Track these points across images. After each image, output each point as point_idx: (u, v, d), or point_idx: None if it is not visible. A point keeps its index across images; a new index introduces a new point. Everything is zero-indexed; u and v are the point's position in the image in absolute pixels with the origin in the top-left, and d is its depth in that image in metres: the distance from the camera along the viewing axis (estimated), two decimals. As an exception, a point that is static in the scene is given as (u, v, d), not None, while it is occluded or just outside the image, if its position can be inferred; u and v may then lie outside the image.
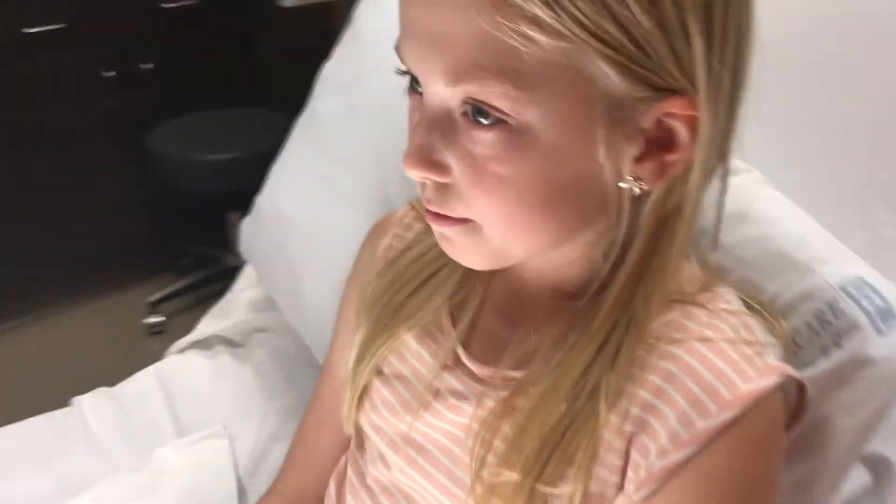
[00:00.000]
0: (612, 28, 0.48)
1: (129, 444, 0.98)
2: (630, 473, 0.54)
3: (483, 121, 0.51)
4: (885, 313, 0.61)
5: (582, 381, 0.56)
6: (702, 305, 0.58)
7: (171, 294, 2.41)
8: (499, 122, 0.50)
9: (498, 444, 0.58)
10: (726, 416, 0.52)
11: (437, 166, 0.53)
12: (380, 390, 0.67)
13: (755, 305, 0.63)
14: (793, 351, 0.63)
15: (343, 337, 0.74)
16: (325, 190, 0.92)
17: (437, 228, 0.57)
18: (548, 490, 0.55)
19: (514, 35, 0.47)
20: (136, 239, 2.47)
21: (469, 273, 0.66)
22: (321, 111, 0.96)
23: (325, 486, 0.74)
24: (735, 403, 0.52)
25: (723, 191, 0.62)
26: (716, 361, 0.54)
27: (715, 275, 0.62)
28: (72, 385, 1.11)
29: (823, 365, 0.62)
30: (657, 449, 0.53)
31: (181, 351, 1.12)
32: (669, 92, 0.51)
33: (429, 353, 0.66)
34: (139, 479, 0.91)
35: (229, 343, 1.11)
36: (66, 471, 0.94)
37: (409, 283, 0.69)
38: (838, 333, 0.62)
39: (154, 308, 2.38)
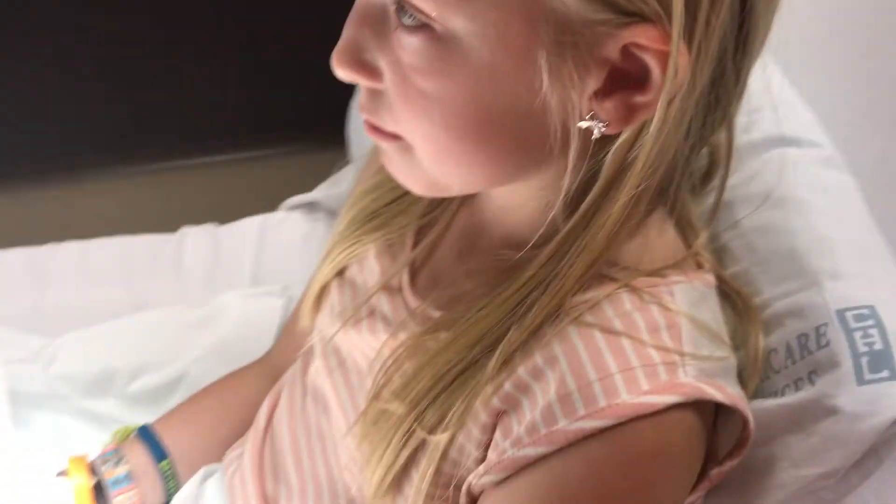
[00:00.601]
0: None
1: (208, 281, 1.04)
2: (490, 453, 0.49)
3: (407, 21, 0.44)
4: (878, 359, 0.48)
5: (488, 334, 0.50)
6: (634, 291, 0.48)
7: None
8: (423, 27, 0.44)
9: (397, 378, 0.55)
10: (591, 424, 0.44)
11: (367, 68, 0.47)
12: (333, 291, 0.65)
13: (738, 303, 0.53)
14: (760, 373, 0.52)
15: None
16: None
17: (375, 140, 0.52)
18: (422, 434, 0.51)
19: None
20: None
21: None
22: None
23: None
24: (606, 414, 0.44)
25: (726, 162, 0.51)
26: (606, 360, 0.46)
27: (693, 258, 0.52)
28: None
29: (789, 399, 0.50)
30: (514, 436, 0.47)
31: (290, 208, 1.16)
32: (639, 17, 0.42)
33: (381, 270, 0.62)
34: (196, 315, 0.96)
35: (330, 212, 1.13)
36: (144, 290, 1.02)
37: (390, 192, 0.64)
38: (815, 367, 0.50)
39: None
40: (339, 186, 1.16)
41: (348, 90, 1.13)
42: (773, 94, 0.62)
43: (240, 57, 1.87)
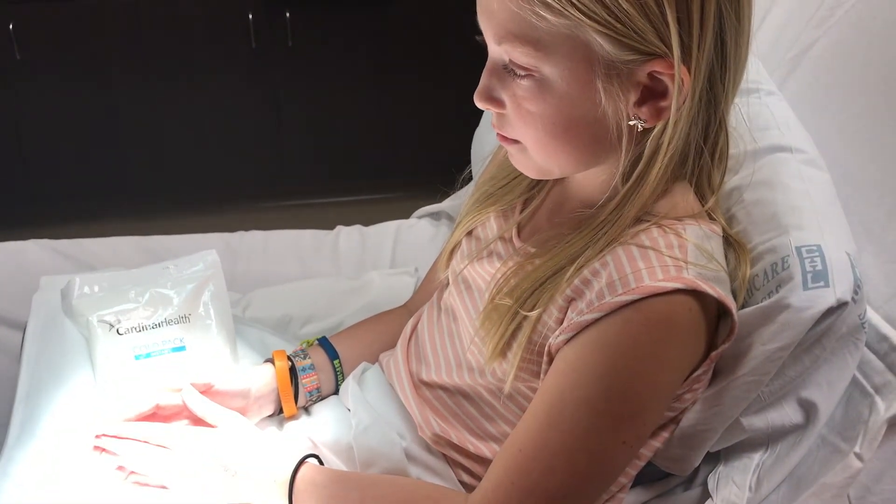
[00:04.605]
0: (600, 10, 0.67)
1: (357, 263, 1.36)
2: (564, 324, 0.76)
3: (519, 72, 0.72)
4: (817, 275, 0.74)
5: (571, 255, 0.78)
6: (661, 227, 0.76)
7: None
8: (528, 75, 0.71)
9: (506, 288, 0.83)
10: (627, 298, 0.71)
11: (495, 101, 0.75)
12: (463, 244, 0.94)
13: (736, 248, 0.79)
14: (746, 289, 0.78)
15: None
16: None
17: (503, 145, 0.80)
18: (524, 312, 0.78)
19: (532, 14, 0.68)
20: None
21: (538, 180, 0.89)
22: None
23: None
24: (635, 291, 0.71)
25: (723, 141, 0.78)
26: (638, 261, 0.73)
27: (705, 211, 0.79)
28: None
29: (764, 304, 0.76)
30: (578, 310, 0.74)
31: (421, 216, 1.47)
32: (654, 55, 0.69)
33: (498, 226, 0.91)
34: (349, 284, 1.27)
35: (451, 219, 1.43)
36: (311, 267, 1.34)
37: (502, 179, 0.93)
38: (779, 282, 0.76)
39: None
40: (460, 198, 1.46)
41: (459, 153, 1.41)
42: (777, 118, 0.90)
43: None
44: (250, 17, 2.19)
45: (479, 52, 0.78)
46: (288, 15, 2.21)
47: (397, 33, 2.33)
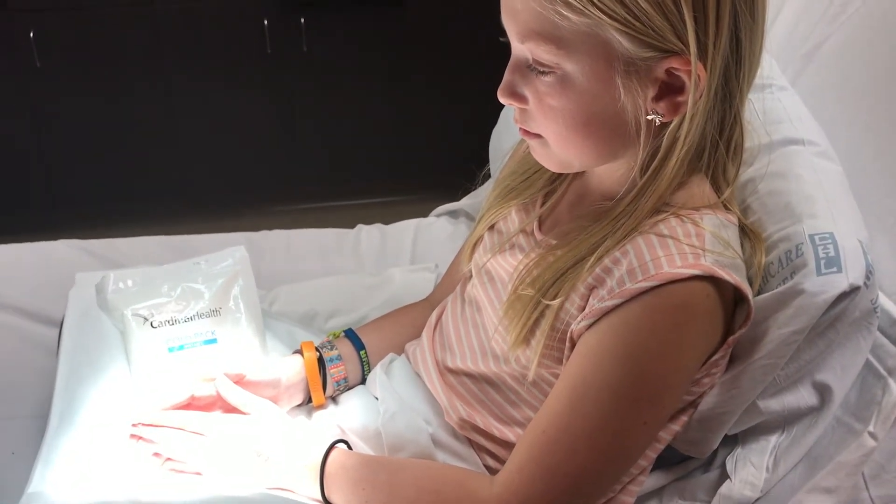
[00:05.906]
0: (620, 9, 0.70)
1: (378, 261, 1.39)
2: (586, 310, 0.79)
3: (541, 69, 0.76)
4: (830, 261, 0.77)
5: (591, 245, 0.81)
6: (679, 216, 0.78)
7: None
8: (551, 71, 0.75)
9: (528, 279, 0.86)
10: (647, 284, 0.74)
11: (518, 96, 0.79)
12: (486, 237, 0.97)
13: (751, 237, 0.82)
14: (761, 276, 0.81)
15: None
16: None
17: (525, 139, 0.84)
18: (546, 301, 0.80)
19: (554, 13, 0.71)
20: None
21: (558, 174, 0.92)
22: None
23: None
24: (655, 278, 0.74)
25: (738, 135, 0.81)
26: (657, 249, 0.76)
27: (721, 202, 0.82)
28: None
29: (779, 290, 0.79)
30: (600, 296, 0.77)
31: (439, 215, 1.50)
32: (672, 52, 0.73)
33: (519, 220, 0.94)
34: (371, 280, 1.30)
35: (469, 217, 1.46)
36: (333, 265, 1.37)
37: (522, 174, 0.96)
38: (794, 269, 0.79)
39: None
40: (477, 197, 1.49)
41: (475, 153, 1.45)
42: (789, 112, 0.93)
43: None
44: (265, 23, 2.23)
45: (493, 53, 0.81)
46: (303, 21, 2.25)
47: (410, 37, 2.36)
